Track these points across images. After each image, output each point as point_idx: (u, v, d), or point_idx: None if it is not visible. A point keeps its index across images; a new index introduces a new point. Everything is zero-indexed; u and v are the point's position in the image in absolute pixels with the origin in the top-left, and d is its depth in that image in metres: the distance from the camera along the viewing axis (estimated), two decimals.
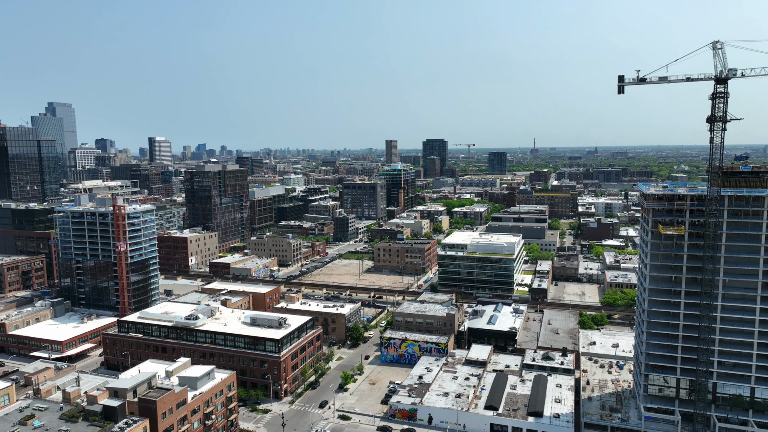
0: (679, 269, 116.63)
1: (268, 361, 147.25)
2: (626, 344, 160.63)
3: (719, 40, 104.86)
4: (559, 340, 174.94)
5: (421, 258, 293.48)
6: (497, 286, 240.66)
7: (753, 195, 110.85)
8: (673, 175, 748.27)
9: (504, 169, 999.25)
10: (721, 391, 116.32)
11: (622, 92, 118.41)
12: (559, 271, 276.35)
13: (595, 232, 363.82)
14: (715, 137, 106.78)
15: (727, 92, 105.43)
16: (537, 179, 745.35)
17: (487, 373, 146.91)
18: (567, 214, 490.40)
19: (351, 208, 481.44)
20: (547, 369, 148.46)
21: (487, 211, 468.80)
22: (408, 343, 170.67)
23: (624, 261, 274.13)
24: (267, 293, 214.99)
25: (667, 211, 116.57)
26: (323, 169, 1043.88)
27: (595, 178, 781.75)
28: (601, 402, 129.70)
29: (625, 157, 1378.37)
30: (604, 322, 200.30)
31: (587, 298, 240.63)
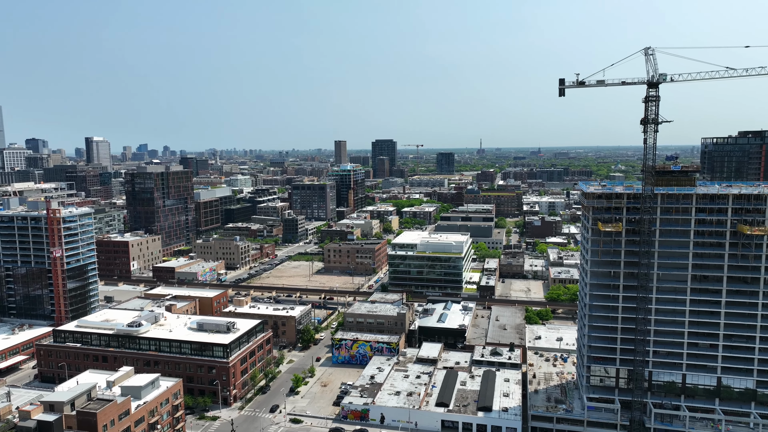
0: (618, 264, 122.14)
1: (216, 367, 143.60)
2: (570, 337, 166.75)
3: (650, 46, 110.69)
4: (507, 336, 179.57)
5: (372, 258, 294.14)
6: (447, 284, 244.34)
7: (683, 193, 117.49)
8: (611, 175, 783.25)
9: (452, 169, 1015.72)
10: (656, 379, 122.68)
11: (563, 95, 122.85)
12: (505, 268, 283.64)
13: (539, 230, 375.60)
14: (648, 138, 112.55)
15: (658, 96, 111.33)
16: (484, 179, 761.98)
17: (438, 371, 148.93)
18: (513, 212, 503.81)
19: (300, 209, 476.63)
20: (495, 364, 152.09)
21: (436, 210, 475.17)
22: (359, 343, 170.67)
23: (567, 257, 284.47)
24: (214, 297, 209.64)
25: (606, 209, 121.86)
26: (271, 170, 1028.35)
27: (539, 177, 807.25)
28: (547, 394, 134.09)
29: (566, 158, 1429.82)
30: (549, 316, 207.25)
31: (533, 294, 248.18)
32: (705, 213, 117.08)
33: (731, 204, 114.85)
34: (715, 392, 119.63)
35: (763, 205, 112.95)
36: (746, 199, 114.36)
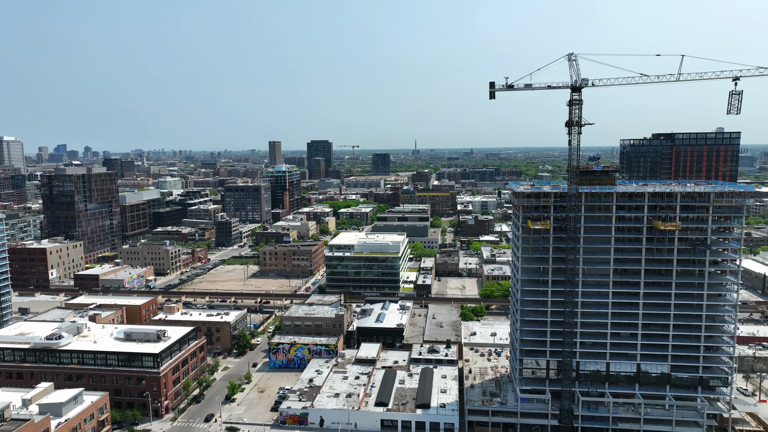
0: (547, 260, 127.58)
1: (146, 378, 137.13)
2: (503, 332, 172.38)
3: (573, 53, 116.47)
4: (443, 333, 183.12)
5: (309, 260, 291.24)
6: (384, 284, 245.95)
7: (604, 192, 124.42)
8: (539, 174, 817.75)
9: (388, 169, 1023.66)
10: (583, 369, 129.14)
11: (493, 98, 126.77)
12: (441, 267, 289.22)
13: (473, 229, 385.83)
14: (572, 140, 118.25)
15: (581, 99, 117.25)
16: (419, 179, 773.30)
17: (377, 371, 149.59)
18: (447, 212, 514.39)
19: (234, 211, 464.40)
20: (433, 362, 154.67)
21: (372, 211, 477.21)
22: (297, 346, 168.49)
23: (499, 255, 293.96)
24: (143, 305, 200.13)
25: (535, 207, 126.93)
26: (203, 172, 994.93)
27: (472, 177, 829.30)
28: (483, 388, 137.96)
29: (497, 158, 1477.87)
30: (483, 313, 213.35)
31: (468, 292, 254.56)
32: (624, 210, 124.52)
33: (647, 202, 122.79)
34: (635, 378, 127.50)
35: (675, 203, 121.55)
36: (660, 197, 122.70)
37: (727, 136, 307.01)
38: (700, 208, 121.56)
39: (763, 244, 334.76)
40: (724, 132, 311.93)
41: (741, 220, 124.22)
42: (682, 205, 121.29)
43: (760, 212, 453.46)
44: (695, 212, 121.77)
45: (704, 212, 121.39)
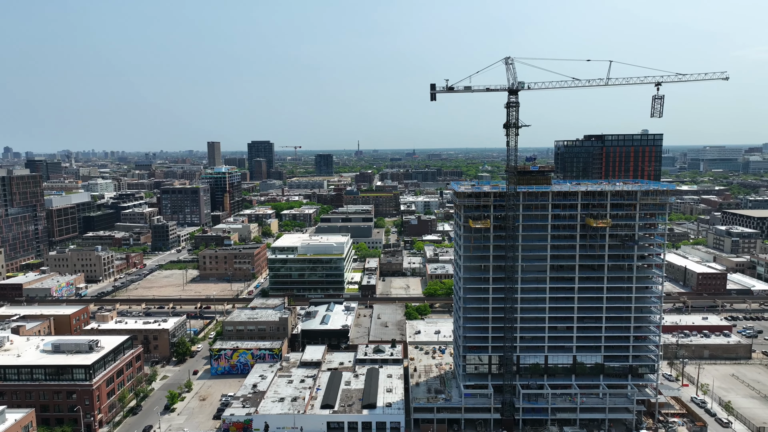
0: (488, 258, 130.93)
1: (77, 392, 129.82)
2: (447, 330, 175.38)
3: (510, 56, 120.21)
4: (389, 333, 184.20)
5: (251, 263, 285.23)
6: (329, 285, 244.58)
7: (541, 191, 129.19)
8: (479, 175, 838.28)
9: (331, 170, 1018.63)
10: (523, 362, 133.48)
11: (434, 99, 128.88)
12: (385, 267, 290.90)
13: (416, 229, 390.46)
14: (510, 141, 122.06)
15: (518, 102, 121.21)
16: (362, 180, 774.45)
17: (322, 373, 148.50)
18: (391, 212, 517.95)
19: (171, 214, 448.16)
20: (378, 362, 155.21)
21: (316, 212, 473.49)
22: (240, 352, 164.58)
23: (442, 254, 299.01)
24: (73, 315, 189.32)
25: (476, 207, 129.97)
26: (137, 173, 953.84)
27: (414, 178, 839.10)
28: (428, 386, 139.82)
29: (439, 159, 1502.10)
30: (427, 311, 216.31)
31: (412, 291, 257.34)
32: (559, 209, 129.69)
33: (580, 200, 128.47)
34: (571, 369, 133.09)
35: (605, 201, 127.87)
36: (592, 195, 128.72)
37: (651, 137, 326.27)
38: (628, 205, 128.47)
39: (683, 239, 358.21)
40: (649, 134, 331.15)
41: (665, 216, 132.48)
42: (612, 203, 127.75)
43: (681, 209, 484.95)
44: (624, 210, 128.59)
45: (632, 210, 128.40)
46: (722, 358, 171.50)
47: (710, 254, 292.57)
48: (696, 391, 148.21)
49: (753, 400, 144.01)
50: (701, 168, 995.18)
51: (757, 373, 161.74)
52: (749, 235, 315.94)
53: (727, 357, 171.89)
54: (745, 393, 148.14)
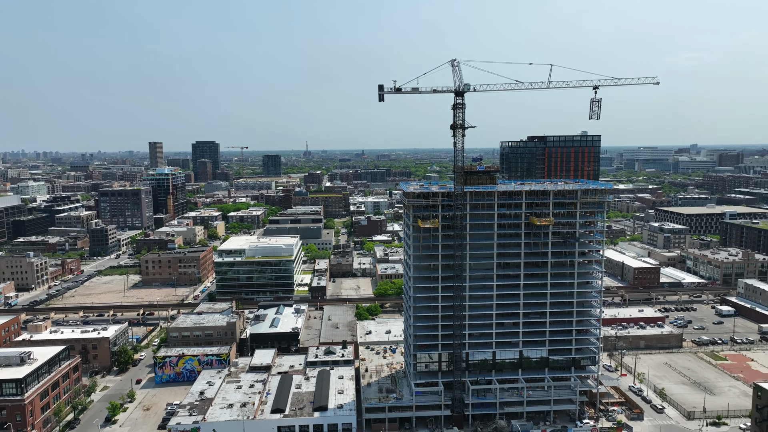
0: (436, 257, 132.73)
1: (8, 407, 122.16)
2: (397, 329, 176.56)
3: (456, 59, 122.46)
4: (339, 334, 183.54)
5: (197, 267, 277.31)
6: (278, 288, 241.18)
7: (487, 191, 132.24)
8: (427, 175, 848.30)
9: (279, 171, 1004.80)
10: (472, 359, 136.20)
11: (383, 100, 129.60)
12: (336, 268, 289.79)
13: (366, 229, 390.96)
14: (457, 142, 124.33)
15: (464, 103, 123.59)
16: (311, 181, 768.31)
17: (273, 377, 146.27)
18: (340, 213, 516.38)
19: (111, 218, 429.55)
20: (329, 363, 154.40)
21: (264, 214, 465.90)
22: (186, 358, 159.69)
23: (392, 254, 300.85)
24: (2, 326, 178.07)
25: (424, 207, 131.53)
26: (72, 175, 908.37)
27: (364, 178, 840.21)
28: (379, 386, 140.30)
29: (388, 159, 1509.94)
30: (378, 311, 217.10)
31: (362, 291, 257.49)
32: (505, 208, 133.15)
33: (524, 199, 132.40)
34: (518, 364, 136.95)
35: (548, 200, 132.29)
36: (535, 195, 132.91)
37: (590, 138, 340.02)
38: (570, 204, 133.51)
39: (621, 236, 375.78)
40: (588, 135, 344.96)
41: (603, 214, 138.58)
42: (554, 202, 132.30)
43: (618, 207, 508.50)
44: (565, 208, 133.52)
45: (573, 208, 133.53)
46: (656, 347, 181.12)
47: (645, 249, 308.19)
48: (633, 380, 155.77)
49: (684, 386, 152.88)
50: (636, 168, 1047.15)
51: (687, 360, 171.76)
52: (679, 231, 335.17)
53: (661, 346, 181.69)
54: (677, 380, 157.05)
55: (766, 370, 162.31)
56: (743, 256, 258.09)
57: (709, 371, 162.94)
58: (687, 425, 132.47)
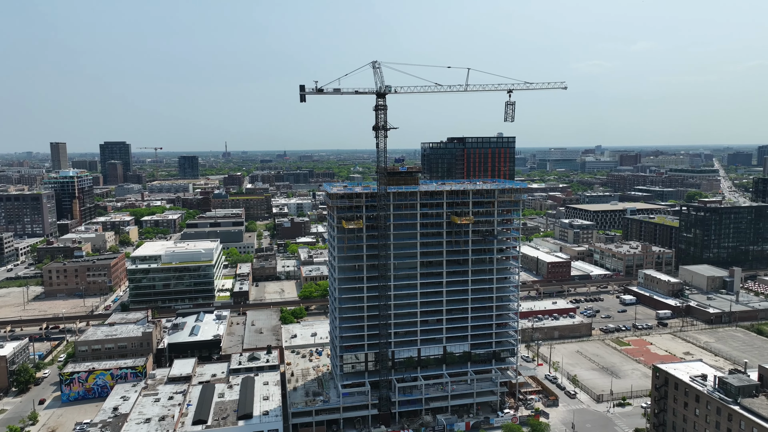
0: (361, 258, 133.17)
1: None
2: (323, 332, 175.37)
3: (377, 60, 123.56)
4: (264, 339, 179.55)
5: (107, 275, 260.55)
6: (198, 294, 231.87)
7: (409, 191, 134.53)
8: (351, 176, 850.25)
9: (196, 173, 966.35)
10: (398, 357, 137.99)
11: (304, 100, 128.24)
12: (258, 271, 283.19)
13: (289, 231, 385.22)
14: (380, 143, 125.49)
15: (386, 105, 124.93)
16: (231, 183, 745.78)
17: (193, 387, 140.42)
18: (263, 215, 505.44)
19: (7, 225, 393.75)
20: (253, 370, 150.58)
21: (181, 217, 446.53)
22: (97, 373, 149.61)
23: (316, 256, 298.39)
24: None
25: (348, 207, 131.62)
26: None
27: (286, 180, 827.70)
28: (305, 389, 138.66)
29: (311, 160, 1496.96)
30: (303, 314, 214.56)
31: (287, 295, 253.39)
32: (427, 207, 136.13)
33: (445, 199, 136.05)
34: (442, 359, 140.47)
35: (468, 199, 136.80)
36: (456, 194, 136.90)
37: (505, 140, 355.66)
38: (488, 203, 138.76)
39: (535, 232, 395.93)
40: (503, 137, 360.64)
41: (519, 212, 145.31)
42: (473, 201, 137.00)
43: (532, 205, 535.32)
44: (484, 207, 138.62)
45: (491, 207, 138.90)
46: (569, 337, 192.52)
47: (557, 245, 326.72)
48: (549, 369, 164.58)
49: (593, 371, 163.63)
50: (548, 168, 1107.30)
51: (596, 347, 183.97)
52: (587, 227, 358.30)
53: (573, 336, 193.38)
54: (588, 366, 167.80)
55: (663, 352, 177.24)
56: (642, 249, 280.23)
57: (615, 356, 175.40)
58: (597, 408, 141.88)
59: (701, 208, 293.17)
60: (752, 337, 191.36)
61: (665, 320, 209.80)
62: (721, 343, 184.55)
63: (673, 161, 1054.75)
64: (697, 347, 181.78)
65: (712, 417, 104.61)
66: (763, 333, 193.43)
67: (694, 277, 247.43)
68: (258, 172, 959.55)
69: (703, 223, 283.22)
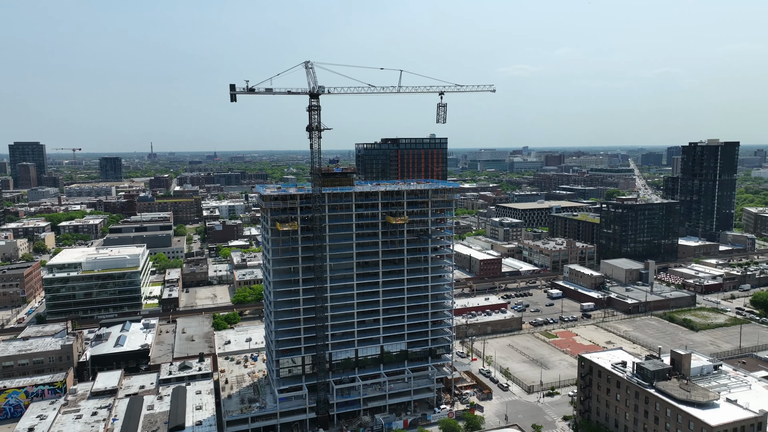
0: (297, 260, 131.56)
1: None
2: (258, 336, 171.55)
3: (310, 60, 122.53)
4: (196, 347, 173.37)
5: (20, 286, 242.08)
6: (123, 303, 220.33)
7: (344, 192, 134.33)
8: (284, 177, 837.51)
9: (120, 175, 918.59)
10: (335, 358, 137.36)
11: (235, 100, 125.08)
12: (189, 277, 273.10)
13: (221, 235, 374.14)
14: (314, 144, 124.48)
15: (319, 105, 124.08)
16: (158, 185, 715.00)
17: (119, 401, 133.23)
18: (192, 219, 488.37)
19: None
20: (185, 379, 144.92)
21: (103, 222, 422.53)
22: (9, 392, 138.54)
23: (250, 259, 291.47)
24: None
25: (282, 209, 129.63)
26: None
27: (217, 181, 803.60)
28: (241, 396, 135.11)
29: (243, 162, 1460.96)
30: (237, 319, 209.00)
31: (219, 300, 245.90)
32: (362, 208, 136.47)
33: (381, 200, 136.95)
34: (380, 359, 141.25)
35: (402, 199, 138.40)
36: (390, 195, 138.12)
37: (438, 141, 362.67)
38: (422, 203, 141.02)
39: (468, 231, 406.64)
40: (436, 138, 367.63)
41: (452, 211, 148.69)
42: (408, 202, 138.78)
43: (464, 204, 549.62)
44: (418, 207, 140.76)
45: (425, 207, 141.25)
46: (501, 331, 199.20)
47: (489, 243, 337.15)
48: (483, 363, 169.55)
49: (524, 364, 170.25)
50: (478, 168, 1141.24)
51: (526, 341, 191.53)
52: (516, 225, 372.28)
53: (505, 330, 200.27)
54: (519, 359, 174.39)
55: (587, 342, 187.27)
56: (567, 245, 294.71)
57: (544, 348, 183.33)
58: (528, 399, 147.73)
59: (619, 205, 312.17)
60: (665, 324, 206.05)
61: (589, 312, 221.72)
62: (638, 331, 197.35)
63: (593, 161, 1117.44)
64: (617, 336, 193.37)
65: (631, 401, 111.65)
66: (674, 320, 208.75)
67: (614, 270, 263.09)
68: (187, 173, 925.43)
69: (621, 219, 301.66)
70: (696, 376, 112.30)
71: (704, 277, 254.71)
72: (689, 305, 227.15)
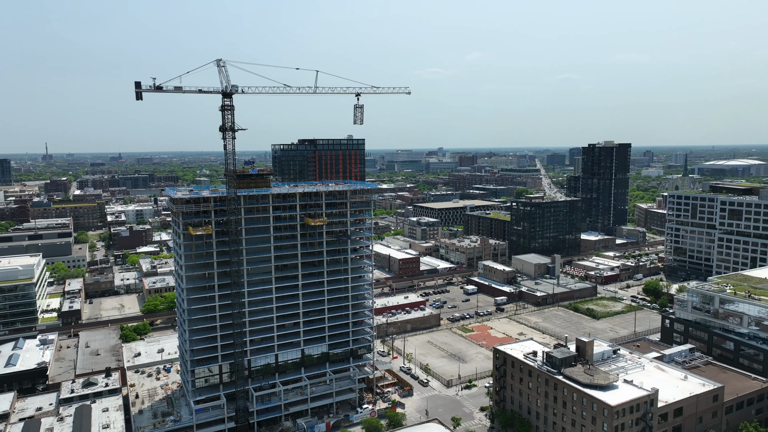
0: (211, 265, 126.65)
1: None
2: (171, 347, 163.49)
3: (222, 59, 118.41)
4: (101, 362, 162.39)
5: None
6: (15, 318, 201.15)
7: (261, 194, 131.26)
8: (197, 179, 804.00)
9: (9, 178, 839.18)
10: (255, 365, 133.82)
11: (141, 98, 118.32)
12: (93, 287, 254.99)
13: (128, 241, 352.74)
14: (227, 144, 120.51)
15: (233, 105, 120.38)
16: (55, 189, 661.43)
17: (12, 426, 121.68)
18: (95, 224, 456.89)
19: None
20: (90, 396, 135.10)
21: None
22: None
23: (161, 266, 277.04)
24: None
25: (195, 213, 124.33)
26: None
27: (123, 185, 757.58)
28: (153, 411, 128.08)
29: (150, 163, 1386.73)
30: (147, 330, 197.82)
31: (127, 310, 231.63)
32: (280, 210, 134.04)
33: (299, 201, 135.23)
34: (301, 363, 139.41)
35: (321, 201, 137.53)
36: (309, 196, 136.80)
37: (355, 142, 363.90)
38: (340, 204, 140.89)
39: (386, 231, 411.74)
40: (354, 139, 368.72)
41: (371, 212, 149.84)
42: (326, 203, 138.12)
43: (383, 204, 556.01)
44: (337, 208, 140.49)
45: (344, 208, 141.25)
46: (421, 328, 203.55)
47: (407, 242, 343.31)
48: (403, 361, 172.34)
49: (443, 359, 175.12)
50: (396, 169, 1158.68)
51: (445, 336, 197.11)
52: (433, 224, 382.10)
53: (424, 327, 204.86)
54: (438, 354, 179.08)
55: (501, 335, 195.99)
56: (481, 242, 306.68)
57: (461, 343, 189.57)
58: (447, 392, 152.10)
59: (527, 203, 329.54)
60: (570, 314, 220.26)
61: (502, 306, 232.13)
62: (547, 322, 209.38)
63: (503, 161, 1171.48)
64: (528, 327, 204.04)
65: (542, 388, 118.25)
66: (578, 310, 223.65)
67: (524, 265, 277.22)
68: (88, 176, 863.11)
69: (529, 216, 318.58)
70: (598, 360, 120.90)
71: (603, 269, 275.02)
72: (591, 296, 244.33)
